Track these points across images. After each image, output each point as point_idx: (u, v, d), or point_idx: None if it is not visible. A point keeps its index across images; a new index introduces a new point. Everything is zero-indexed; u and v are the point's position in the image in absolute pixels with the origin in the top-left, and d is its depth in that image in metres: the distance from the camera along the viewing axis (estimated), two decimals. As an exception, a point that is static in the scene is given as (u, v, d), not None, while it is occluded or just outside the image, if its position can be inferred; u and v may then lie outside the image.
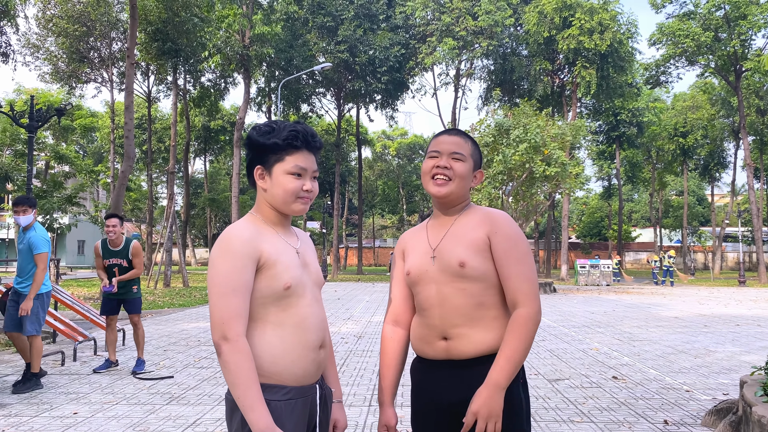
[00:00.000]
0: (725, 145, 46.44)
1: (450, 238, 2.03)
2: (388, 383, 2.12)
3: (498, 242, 1.98)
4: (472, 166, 2.09)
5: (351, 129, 46.12)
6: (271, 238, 1.90)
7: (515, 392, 1.96)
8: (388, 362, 2.12)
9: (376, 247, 62.85)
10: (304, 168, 1.90)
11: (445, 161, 2.04)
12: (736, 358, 8.02)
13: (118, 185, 16.84)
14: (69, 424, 4.89)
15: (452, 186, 2.03)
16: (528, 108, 23.11)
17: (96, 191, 51.03)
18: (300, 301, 1.89)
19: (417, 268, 2.06)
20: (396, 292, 2.17)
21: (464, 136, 2.12)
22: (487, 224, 2.01)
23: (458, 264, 1.96)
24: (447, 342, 1.98)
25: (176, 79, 30.34)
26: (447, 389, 1.98)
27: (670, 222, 55.31)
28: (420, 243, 2.11)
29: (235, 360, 1.73)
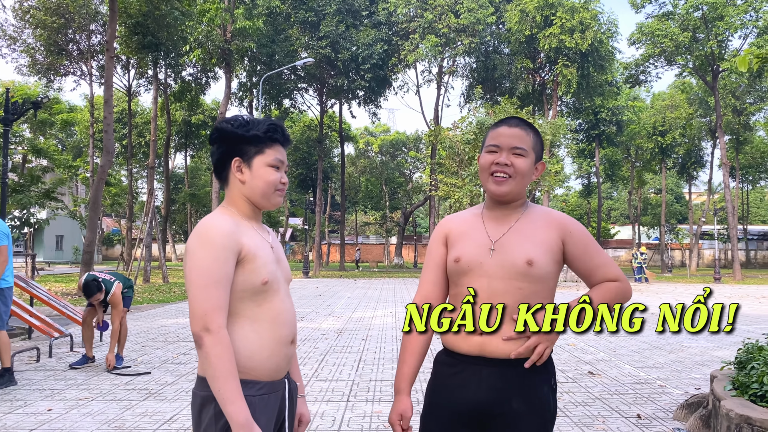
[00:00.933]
0: (702, 144, 47.11)
1: (515, 234, 1.93)
2: (409, 370, 1.99)
3: (575, 242, 1.95)
4: (534, 159, 1.98)
5: (334, 125, 46.00)
6: (249, 232, 1.89)
7: (547, 399, 1.90)
8: (412, 349, 2.00)
9: (359, 244, 62.88)
10: (282, 161, 1.93)
11: (505, 158, 1.93)
12: (709, 353, 8.18)
13: (97, 180, 16.66)
14: (43, 421, 4.85)
15: (512, 184, 1.93)
16: (509, 106, 23.26)
17: (75, 186, 50.37)
18: (275, 297, 1.89)
19: (471, 258, 1.92)
20: (429, 277, 2.04)
21: (526, 126, 1.98)
22: (559, 226, 1.96)
23: (526, 261, 1.87)
24: (483, 337, 1.86)
25: (157, 73, 30.01)
26: (475, 387, 1.88)
27: (649, 219, 56.02)
28: (475, 232, 1.97)
29: (217, 352, 1.71)
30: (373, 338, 9.50)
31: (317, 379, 6.44)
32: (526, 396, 1.85)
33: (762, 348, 4.38)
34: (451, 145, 23.13)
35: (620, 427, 4.75)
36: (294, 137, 47.94)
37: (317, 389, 5.99)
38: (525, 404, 1.84)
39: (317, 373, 6.75)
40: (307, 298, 17.35)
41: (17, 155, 35.51)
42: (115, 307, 6.96)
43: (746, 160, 47.78)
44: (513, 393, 1.85)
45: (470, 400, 1.87)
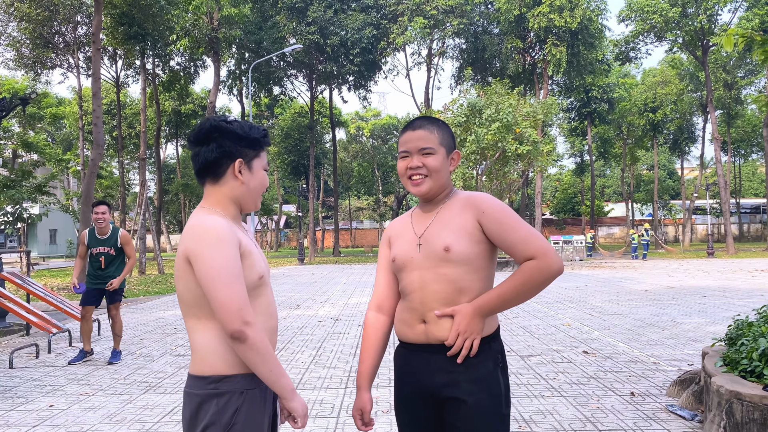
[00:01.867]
0: (694, 119, 47.21)
1: (435, 225, 2.06)
2: (367, 368, 2.13)
3: (489, 220, 1.99)
4: (445, 153, 2.08)
5: (324, 111, 45.80)
6: (239, 230, 1.93)
7: (494, 375, 1.98)
8: (369, 347, 2.14)
9: (353, 229, 62.89)
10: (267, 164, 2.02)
11: (416, 161, 2.06)
12: (702, 329, 8.28)
13: (89, 173, 16.59)
14: (45, 417, 4.89)
15: (429, 182, 2.06)
16: (500, 87, 23.20)
17: (66, 179, 50.12)
18: (266, 290, 1.96)
19: (402, 255, 2.08)
20: (381, 279, 2.19)
21: (429, 125, 2.08)
22: (472, 207, 2.02)
23: (443, 248, 1.98)
24: (426, 325, 1.99)
25: (144, 63, 29.75)
26: (426, 373, 2.00)
27: (642, 196, 56.23)
28: (406, 231, 2.13)
29: (261, 339, 1.78)
30: (370, 324, 9.58)
31: (315, 367, 6.50)
32: (472, 375, 1.95)
33: (752, 324, 4.45)
34: (443, 128, 23.08)
35: (614, 404, 4.83)
36: (285, 124, 47.78)
37: (315, 377, 6.05)
38: (472, 383, 1.95)
39: (315, 361, 6.81)
40: (303, 285, 17.41)
41: (7, 150, 35.27)
42: (127, 245, 7.00)
43: (737, 134, 47.93)
44: (460, 374, 1.96)
45: (423, 386, 2.01)
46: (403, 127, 2.14)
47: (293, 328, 9.38)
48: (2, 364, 7.03)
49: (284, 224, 63.74)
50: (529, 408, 4.79)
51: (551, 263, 1.91)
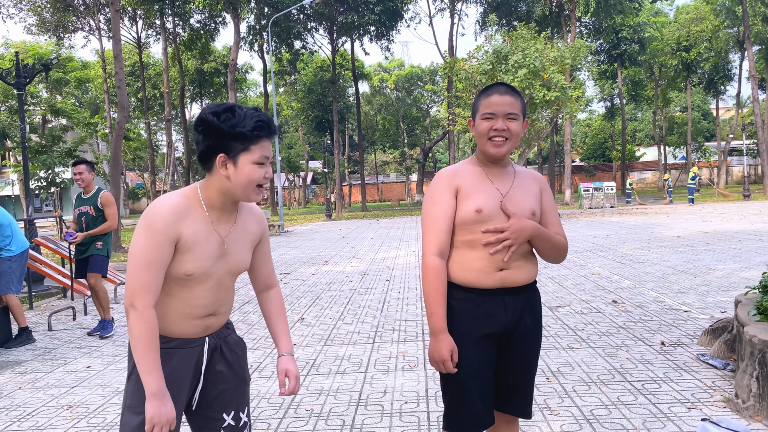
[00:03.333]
0: (730, 56, 45.31)
1: (517, 188, 2.31)
2: (443, 311, 2.25)
3: (546, 198, 2.40)
4: (521, 121, 2.29)
5: (346, 64, 45.18)
6: (195, 224, 1.95)
7: (541, 311, 2.41)
8: (442, 291, 2.25)
9: (380, 183, 62.82)
10: (268, 157, 1.95)
11: (501, 123, 2.24)
12: (736, 275, 8.11)
13: (115, 136, 16.74)
14: (83, 378, 5.04)
15: (509, 145, 2.27)
16: (526, 31, 22.50)
17: (95, 143, 50.78)
18: (199, 286, 2.00)
19: (491, 208, 2.23)
20: (442, 226, 2.26)
21: (514, 92, 2.28)
22: (538, 182, 2.39)
23: (531, 212, 2.28)
24: (504, 273, 2.24)
25: (164, 22, 29.58)
26: (502, 313, 2.26)
27: (675, 139, 54.71)
28: (485, 186, 2.29)
29: (138, 328, 1.86)
30: (396, 278, 9.61)
31: (343, 323, 6.56)
32: (533, 312, 2.34)
33: (787, 271, 4.31)
34: (468, 77, 22.59)
35: (644, 355, 4.78)
36: (306, 79, 47.33)
37: (344, 332, 6.11)
38: (533, 320, 2.33)
39: (343, 317, 6.87)
40: (331, 241, 17.53)
41: (36, 116, 35.75)
42: (108, 206, 6.47)
43: (776, 70, 45.94)
44: (526, 312, 2.31)
45: (496, 324, 2.26)
46: (484, 88, 2.33)
47: (321, 284, 9.47)
48: (42, 326, 7.26)
49: (311, 180, 63.92)
50: (557, 360, 4.77)
51: (567, 248, 2.40)
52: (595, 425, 3.50)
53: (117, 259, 14.86)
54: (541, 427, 3.53)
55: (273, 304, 2.30)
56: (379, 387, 4.38)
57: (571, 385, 4.18)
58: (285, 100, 53.63)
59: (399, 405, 4.00)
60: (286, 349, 2.24)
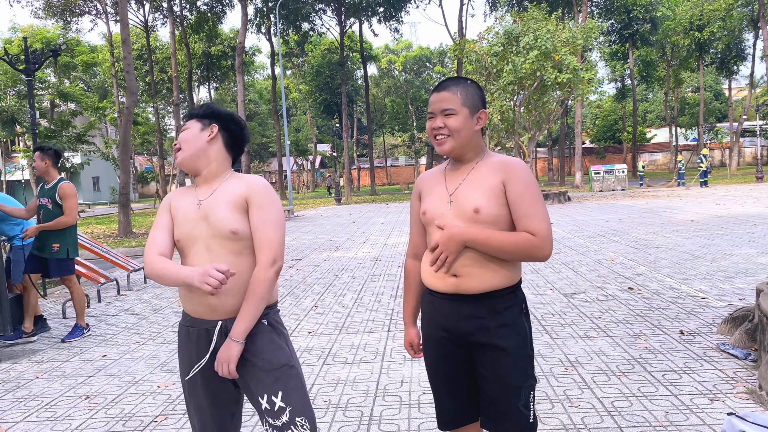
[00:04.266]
0: (744, 36, 44.59)
1: (467, 184, 2.17)
2: (410, 308, 2.43)
3: (512, 188, 2.11)
4: (468, 113, 2.16)
5: (354, 46, 44.85)
6: (183, 197, 2.30)
7: (519, 320, 2.18)
8: (410, 290, 2.43)
9: (389, 166, 62.65)
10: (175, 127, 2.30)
11: (439, 121, 2.16)
12: (753, 260, 8.02)
13: (124, 121, 16.72)
14: (99, 367, 5.05)
15: (452, 142, 2.17)
16: (537, 12, 22.20)
17: (104, 127, 50.84)
18: (189, 252, 2.21)
19: (433, 210, 2.21)
20: (414, 229, 2.41)
21: (453, 86, 2.17)
22: (502, 171, 2.14)
23: (473, 210, 2.11)
24: (457, 279, 2.14)
25: (171, 5, 29.40)
26: (456, 319, 2.18)
27: (686, 120, 54.13)
28: (437, 187, 2.25)
29: (148, 270, 2.18)
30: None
31: (358, 310, 6.54)
32: (500, 321, 2.14)
33: (812, 260, 4.23)
34: (478, 59, 22.36)
35: (663, 344, 4.73)
36: (314, 62, 47.05)
37: (358, 320, 6.09)
38: (501, 328, 2.14)
39: (357, 304, 6.85)
40: (341, 226, 17.51)
41: (45, 101, 35.79)
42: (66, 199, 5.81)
43: (791, 49, 45.20)
44: (489, 320, 2.14)
45: (453, 330, 2.19)
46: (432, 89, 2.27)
47: (334, 270, 9.46)
48: (56, 314, 7.29)
49: (320, 164, 63.86)
50: (575, 349, 4.73)
51: (544, 248, 2.07)
52: (617, 418, 3.46)
53: (128, 245, 14.91)
54: (561, 419, 3.49)
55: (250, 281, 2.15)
56: (396, 377, 4.35)
57: (591, 376, 4.14)
58: (293, 82, 53.39)
59: (417, 396, 3.97)
60: (233, 333, 2.12)
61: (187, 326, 2.25)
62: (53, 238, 5.87)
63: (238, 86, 28.68)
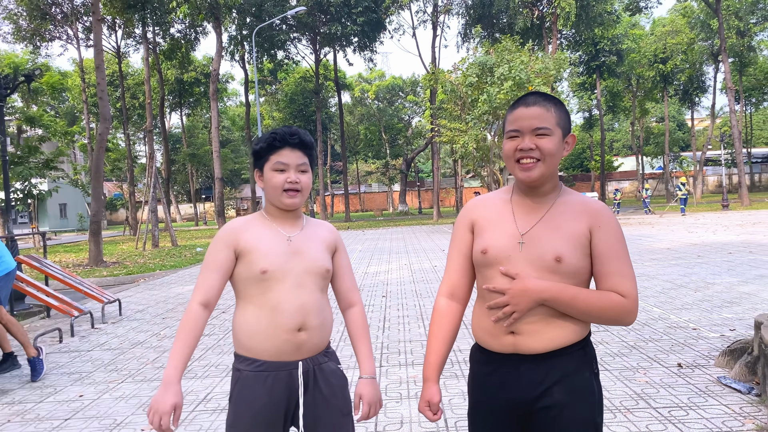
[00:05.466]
0: (705, 68, 46.17)
1: (545, 225, 1.82)
2: (436, 359, 1.98)
3: (602, 237, 1.80)
4: (561, 136, 1.83)
5: (329, 74, 45.09)
6: (258, 229, 2.14)
7: (590, 384, 1.85)
8: (441, 337, 1.98)
9: (362, 193, 62.66)
10: (285, 163, 2.11)
11: (528, 142, 1.79)
12: (735, 290, 8.08)
13: (97, 148, 16.36)
14: (76, 408, 4.77)
15: (542, 168, 1.81)
16: (510, 43, 22.60)
17: (73, 153, 49.90)
18: (278, 286, 2.06)
19: (498, 250, 1.83)
20: (454, 264, 1.99)
21: (545, 102, 1.83)
22: (589, 216, 1.82)
23: (554, 258, 1.77)
24: (515, 337, 1.81)
25: (145, 32, 29.19)
26: (516, 385, 1.83)
27: (652, 149, 55.53)
28: (503, 221, 1.88)
29: (182, 320, 2.05)
30: (393, 294, 9.43)
31: (345, 344, 6.36)
32: (567, 384, 1.81)
33: (811, 292, 4.23)
34: (453, 89, 22.59)
35: (663, 378, 4.66)
36: (288, 89, 47.12)
37: (347, 354, 5.90)
38: (567, 393, 1.80)
39: (344, 337, 6.67)
40: (318, 254, 17.28)
41: (12, 126, 34.98)
42: None
43: (749, 82, 46.94)
44: (553, 384, 1.81)
45: (513, 398, 1.84)
46: (513, 102, 1.90)
47: (316, 301, 9.24)
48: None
49: (292, 190, 63.55)
50: (575, 384, 4.62)
51: (634, 312, 1.80)
52: (631, 459, 3.35)
53: (99, 274, 14.47)
54: (573, 461, 3.36)
55: (354, 323, 2.31)
56: (394, 417, 4.19)
57: (596, 413, 4.03)
58: (266, 110, 53.33)
59: (419, 437, 3.82)
60: (364, 371, 2.21)
61: (259, 371, 2.04)
62: None
63: (212, 113, 28.46)
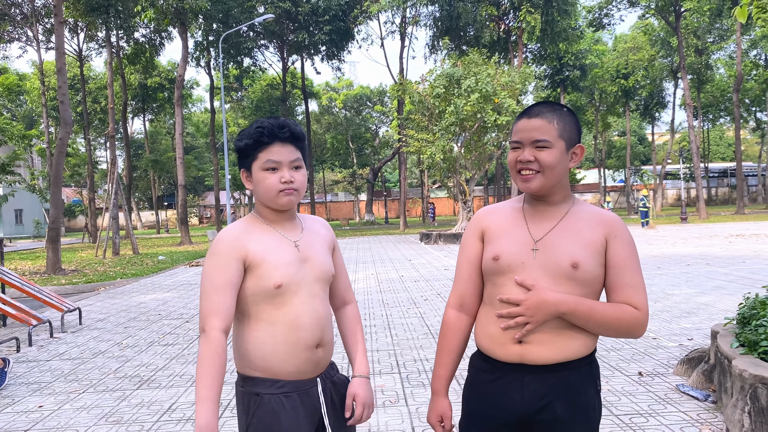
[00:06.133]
0: (664, 85, 47.60)
1: (560, 232, 1.81)
2: (446, 372, 1.96)
3: (617, 248, 1.80)
4: (564, 147, 1.81)
5: (296, 82, 44.98)
6: (262, 236, 1.93)
7: (593, 401, 1.83)
8: (450, 350, 1.96)
9: (329, 202, 62.51)
10: (277, 161, 1.91)
11: (528, 154, 1.79)
12: (693, 300, 8.32)
13: (57, 153, 15.98)
14: (35, 419, 4.65)
15: (541, 180, 1.80)
16: (477, 56, 22.92)
17: (30, 158, 48.61)
18: (293, 299, 1.90)
19: (511, 257, 1.81)
20: (464, 274, 1.95)
21: (549, 113, 1.82)
22: (604, 226, 1.82)
23: (570, 264, 1.75)
24: (522, 346, 1.78)
25: (109, 36, 28.70)
26: (518, 396, 1.80)
27: (614, 162, 56.86)
28: (515, 229, 1.86)
29: (202, 352, 1.78)
30: (360, 304, 9.43)
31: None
32: (570, 400, 1.78)
33: (765, 303, 4.39)
34: (421, 99, 22.79)
35: (624, 386, 4.77)
36: (255, 97, 46.82)
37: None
38: (569, 409, 1.78)
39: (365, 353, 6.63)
40: (284, 263, 17.15)
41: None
42: None
43: (707, 99, 48.51)
44: (557, 398, 1.78)
45: (513, 409, 1.81)
46: (520, 113, 1.89)
47: (282, 310, 9.18)
48: (-19, 360, 6.71)
49: (258, 198, 62.99)
50: (540, 393, 4.70)
51: (645, 324, 1.79)
52: (594, 465, 3.42)
53: (58, 282, 14.10)
54: (538, 468, 3.42)
55: (349, 321, 2.18)
56: (362, 426, 4.19)
57: (560, 421, 4.10)
58: (231, 117, 52.89)
59: (387, 446, 3.83)
60: (359, 370, 2.09)
61: (283, 392, 1.88)
62: None
63: (176, 119, 28.09)
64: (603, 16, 35.34)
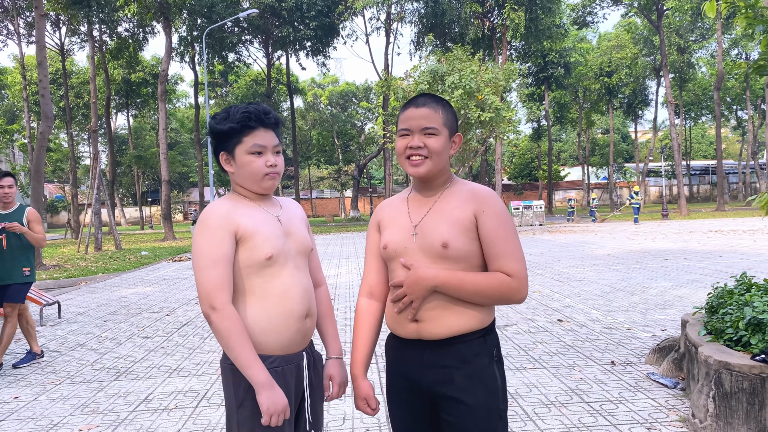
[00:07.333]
0: (647, 83, 48.04)
1: (433, 215, 1.95)
2: (361, 356, 2.08)
3: (486, 221, 1.91)
4: (447, 135, 1.97)
5: (281, 78, 44.82)
6: (249, 211, 1.99)
7: (490, 370, 1.93)
8: (363, 335, 2.08)
9: (314, 198, 62.41)
10: (263, 145, 1.99)
11: (417, 140, 1.93)
12: (669, 293, 8.45)
13: (38, 147, 15.83)
14: (11, 410, 4.64)
15: (429, 164, 1.95)
16: (461, 53, 23.01)
17: (11, 152, 48.02)
18: (282, 271, 1.98)
19: (396, 244, 1.98)
20: (371, 265, 2.12)
21: (434, 103, 1.96)
22: (474, 202, 1.94)
23: (441, 244, 1.89)
24: (418, 324, 1.93)
25: (91, 30, 28.43)
26: (419, 368, 1.96)
27: (597, 160, 57.28)
28: (400, 217, 2.02)
29: (226, 326, 1.84)
30: (341, 298, 9.47)
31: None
32: (466, 370, 1.90)
33: (732, 292, 4.49)
34: (405, 96, 22.84)
35: (597, 375, 4.86)
36: (240, 92, 46.58)
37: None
38: (467, 379, 1.90)
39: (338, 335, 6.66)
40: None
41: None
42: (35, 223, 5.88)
43: (689, 97, 49.04)
44: (455, 369, 1.90)
45: (417, 381, 1.97)
46: (405, 103, 2.00)
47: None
48: (-42, 353, 6.66)
49: (243, 195, 62.71)
50: (514, 381, 4.78)
51: (521, 290, 1.90)
52: (562, 449, 3.49)
53: (38, 277, 13.98)
54: (508, 452, 3.48)
55: (322, 302, 2.24)
56: (337, 414, 4.24)
57: (532, 408, 4.18)
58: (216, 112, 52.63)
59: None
60: (333, 351, 2.19)
61: (273, 368, 1.93)
62: (24, 262, 5.85)
63: (160, 114, 27.89)
64: (587, 14, 35.62)
